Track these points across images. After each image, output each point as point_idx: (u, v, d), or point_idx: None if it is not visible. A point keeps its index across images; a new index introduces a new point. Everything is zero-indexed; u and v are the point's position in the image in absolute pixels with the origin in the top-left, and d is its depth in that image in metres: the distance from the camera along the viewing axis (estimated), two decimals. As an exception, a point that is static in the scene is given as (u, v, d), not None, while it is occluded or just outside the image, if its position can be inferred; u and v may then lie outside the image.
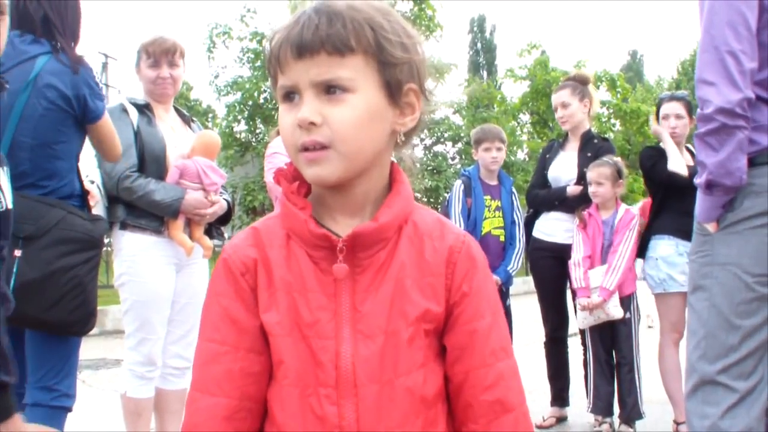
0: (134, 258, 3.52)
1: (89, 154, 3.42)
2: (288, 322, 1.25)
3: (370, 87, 1.22)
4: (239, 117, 18.77)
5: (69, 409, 2.95)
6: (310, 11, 1.20)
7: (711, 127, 2.35)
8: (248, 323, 1.27)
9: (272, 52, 1.23)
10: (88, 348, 6.48)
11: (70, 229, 2.83)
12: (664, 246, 4.51)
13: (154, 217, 3.54)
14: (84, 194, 3.04)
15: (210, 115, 19.80)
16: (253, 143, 18.65)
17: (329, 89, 1.19)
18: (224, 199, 3.81)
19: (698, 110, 2.41)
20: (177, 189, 3.56)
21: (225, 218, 3.83)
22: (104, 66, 19.30)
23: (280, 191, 1.31)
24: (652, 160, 4.65)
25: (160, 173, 3.58)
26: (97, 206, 3.38)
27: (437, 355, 1.31)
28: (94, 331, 8.89)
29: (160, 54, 3.68)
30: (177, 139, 3.74)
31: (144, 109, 3.65)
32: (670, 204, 4.53)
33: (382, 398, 1.24)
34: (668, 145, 4.52)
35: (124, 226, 3.54)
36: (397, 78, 1.25)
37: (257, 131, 18.96)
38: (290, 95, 1.22)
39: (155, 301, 3.54)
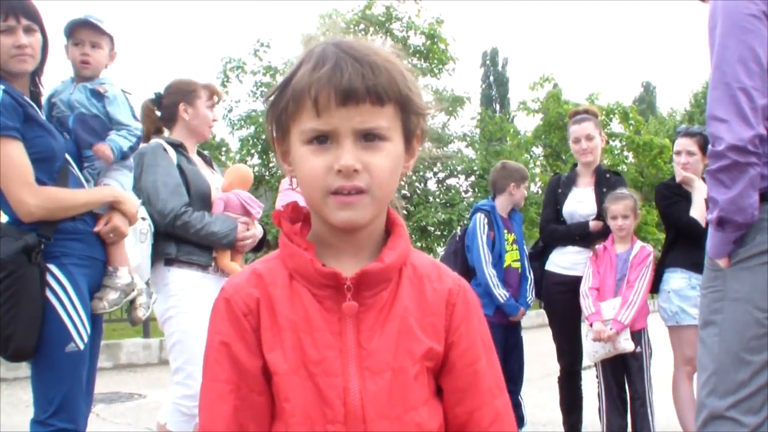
0: (181, 293, 3.55)
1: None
2: (294, 361, 1.26)
3: (397, 135, 1.26)
4: (252, 151, 18.81)
5: None
6: (342, 55, 1.21)
7: (723, 164, 2.34)
8: (250, 364, 1.28)
9: (305, 94, 1.22)
10: (102, 382, 6.48)
11: None
12: (676, 279, 4.52)
13: (203, 251, 3.61)
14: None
15: (223, 148, 19.86)
16: (266, 177, 18.65)
17: (367, 137, 1.22)
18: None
19: (710, 147, 2.41)
20: (230, 220, 3.67)
21: (259, 246, 3.93)
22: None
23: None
24: (668, 200, 4.67)
25: (207, 210, 3.67)
26: (136, 243, 3.35)
27: (435, 393, 1.34)
28: (107, 364, 8.94)
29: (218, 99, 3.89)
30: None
31: (180, 149, 3.74)
32: (683, 238, 4.54)
33: None
34: (696, 194, 4.48)
35: (169, 263, 3.59)
36: (414, 125, 1.29)
37: (270, 165, 18.99)
38: (321, 138, 1.22)
39: (202, 334, 3.52)
